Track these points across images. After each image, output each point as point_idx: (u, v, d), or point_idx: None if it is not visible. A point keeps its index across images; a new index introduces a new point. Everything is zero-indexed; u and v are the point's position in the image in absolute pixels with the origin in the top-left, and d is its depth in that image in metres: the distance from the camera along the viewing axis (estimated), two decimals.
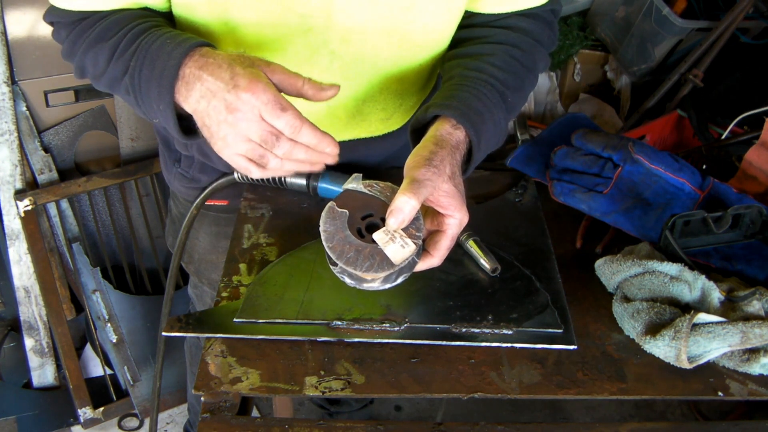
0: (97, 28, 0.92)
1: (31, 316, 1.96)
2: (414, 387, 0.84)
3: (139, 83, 0.86)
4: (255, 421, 0.82)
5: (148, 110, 0.89)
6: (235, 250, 1.02)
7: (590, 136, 1.10)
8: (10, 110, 1.78)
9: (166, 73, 0.82)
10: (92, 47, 0.92)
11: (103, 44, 0.90)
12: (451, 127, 0.87)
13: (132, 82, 0.87)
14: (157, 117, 0.88)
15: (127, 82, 0.88)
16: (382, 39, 0.97)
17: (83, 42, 0.93)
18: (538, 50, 1.03)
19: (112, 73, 0.91)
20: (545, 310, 0.93)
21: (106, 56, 0.90)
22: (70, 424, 2.03)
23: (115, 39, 0.89)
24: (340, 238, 0.80)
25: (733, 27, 2.12)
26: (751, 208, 1.03)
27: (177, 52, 0.82)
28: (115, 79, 0.91)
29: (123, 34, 0.89)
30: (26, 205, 1.84)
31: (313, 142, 0.82)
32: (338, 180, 1.09)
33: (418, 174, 0.79)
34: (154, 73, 0.84)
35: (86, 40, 0.92)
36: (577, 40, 2.47)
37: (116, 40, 0.89)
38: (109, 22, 0.91)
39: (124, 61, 0.88)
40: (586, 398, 0.85)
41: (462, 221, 0.83)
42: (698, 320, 0.86)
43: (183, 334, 0.90)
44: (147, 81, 0.85)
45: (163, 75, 0.82)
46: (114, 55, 0.89)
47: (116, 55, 0.89)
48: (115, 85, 0.92)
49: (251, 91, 0.78)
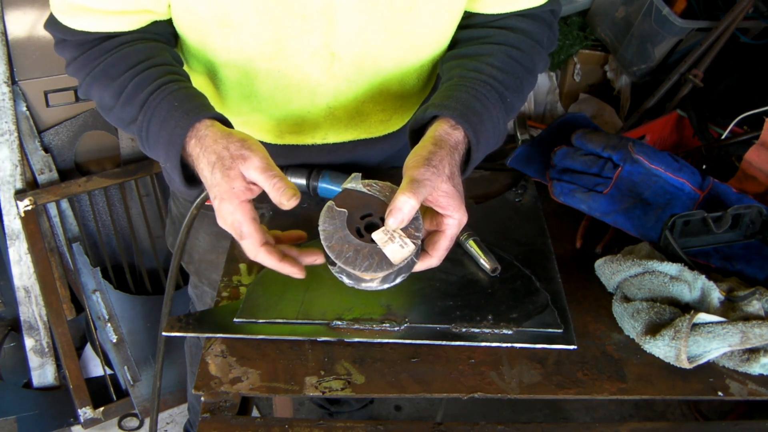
0: (103, 61, 0.94)
1: (31, 316, 1.96)
2: (414, 387, 0.84)
3: (147, 137, 0.90)
4: (255, 421, 0.82)
5: (155, 157, 0.93)
6: (235, 250, 1.02)
7: (590, 136, 1.10)
8: (10, 110, 1.78)
9: (174, 141, 0.86)
10: (98, 81, 0.94)
11: (109, 82, 0.93)
12: (450, 128, 0.87)
13: (140, 133, 0.91)
14: (163, 165, 0.93)
15: (135, 131, 0.92)
16: (383, 40, 0.97)
17: (89, 72, 0.95)
18: (537, 51, 1.03)
19: (119, 115, 0.94)
20: (545, 310, 0.93)
21: (112, 95, 0.93)
22: (70, 424, 2.03)
23: (121, 80, 0.92)
24: (339, 237, 0.80)
25: (733, 27, 2.12)
26: (751, 208, 1.03)
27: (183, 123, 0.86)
28: (123, 121, 0.95)
29: (129, 77, 0.91)
30: (26, 205, 1.84)
31: (271, 267, 0.83)
32: (338, 180, 1.09)
33: (417, 174, 0.79)
34: (162, 134, 0.88)
35: (92, 71, 0.95)
36: (577, 40, 2.47)
37: (122, 82, 0.92)
38: (115, 57, 0.93)
39: (131, 109, 0.91)
40: (586, 398, 0.85)
41: (461, 221, 0.83)
42: (698, 320, 0.86)
43: (183, 334, 0.90)
44: (155, 140, 0.89)
45: (171, 143, 0.87)
46: (120, 98, 0.92)
47: (123, 98, 0.92)
48: (122, 125, 0.96)
49: (220, 212, 0.82)
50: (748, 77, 2.16)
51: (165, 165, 0.91)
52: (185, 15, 0.94)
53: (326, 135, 1.10)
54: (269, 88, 1.01)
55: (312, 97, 1.03)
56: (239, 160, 0.81)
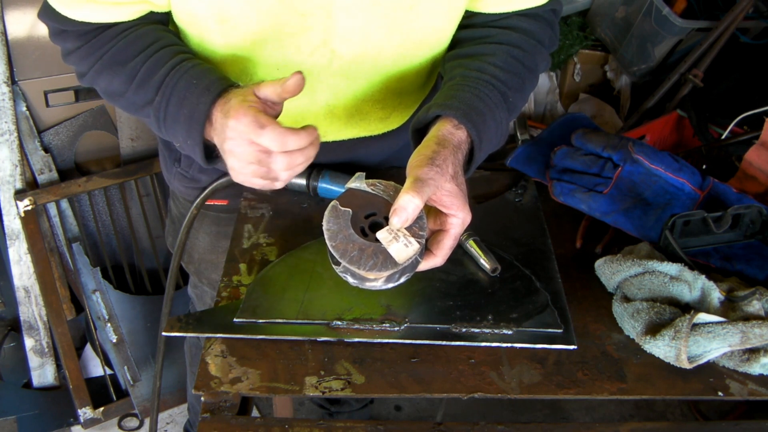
0: (111, 48, 0.94)
1: (31, 316, 1.96)
2: (414, 387, 0.84)
3: (165, 118, 0.91)
4: (255, 421, 0.82)
5: (173, 139, 0.94)
6: (235, 250, 1.02)
7: (590, 136, 1.10)
8: (10, 110, 1.78)
9: (196, 117, 0.87)
10: (107, 68, 0.95)
11: (119, 68, 0.93)
12: (453, 127, 0.87)
13: (157, 114, 0.92)
14: (182, 147, 0.93)
15: (150, 113, 0.93)
16: (383, 38, 0.97)
17: (97, 61, 0.95)
18: (539, 50, 1.03)
19: (131, 99, 0.94)
20: (545, 310, 0.93)
21: (123, 81, 0.93)
22: (70, 424, 2.03)
23: (133, 64, 0.92)
24: (344, 236, 0.80)
25: (733, 27, 2.12)
26: (751, 208, 1.03)
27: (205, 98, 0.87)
28: (135, 105, 0.95)
29: (142, 60, 0.92)
30: (26, 205, 1.84)
31: (302, 145, 0.83)
32: (338, 180, 1.09)
33: (421, 173, 0.79)
34: (182, 112, 0.89)
35: (100, 59, 0.95)
36: (577, 40, 2.47)
37: (134, 66, 0.92)
38: (123, 43, 0.93)
39: (146, 92, 0.92)
40: (586, 398, 0.85)
41: (465, 221, 0.83)
42: (698, 320, 0.86)
43: (183, 334, 0.90)
44: (173, 119, 0.90)
45: (192, 119, 0.88)
46: (134, 82, 0.93)
47: (136, 82, 0.92)
48: (134, 109, 0.97)
49: (235, 118, 0.81)
50: (748, 77, 2.16)
51: (185, 143, 0.91)
52: (184, 10, 0.94)
53: (325, 133, 1.10)
54: None
55: (311, 94, 1.03)
56: (251, 84, 0.85)
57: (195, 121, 0.87)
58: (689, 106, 1.86)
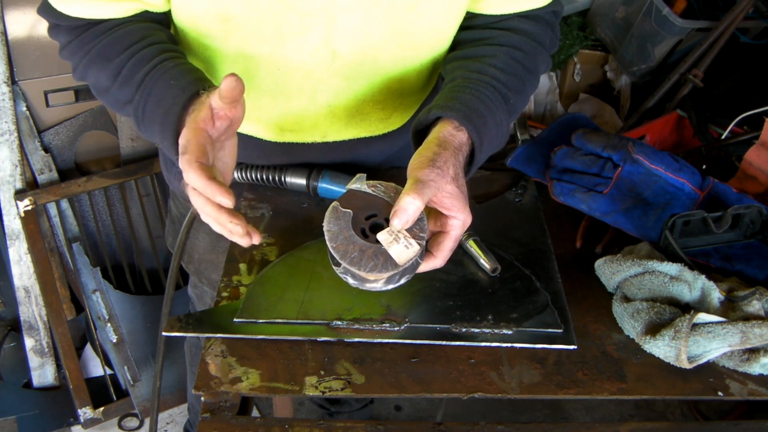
0: (99, 43, 0.94)
1: (31, 316, 1.96)
2: (414, 387, 0.84)
3: (143, 117, 0.90)
4: (255, 421, 0.82)
5: (151, 139, 0.93)
6: (235, 250, 1.02)
7: (590, 136, 1.10)
8: (10, 110, 1.78)
9: (168, 119, 0.86)
10: (95, 63, 0.94)
11: (105, 63, 0.93)
12: (454, 129, 0.87)
13: (136, 113, 0.91)
14: (160, 144, 0.93)
15: (131, 111, 0.92)
16: (384, 39, 0.97)
17: (85, 55, 0.95)
18: (539, 52, 1.03)
19: (116, 96, 0.94)
20: (545, 310, 0.93)
21: (109, 76, 0.93)
22: (70, 424, 2.03)
23: (118, 61, 0.92)
24: (344, 237, 0.80)
25: (732, 27, 2.12)
26: (751, 208, 1.03)
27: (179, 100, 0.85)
28: (119, 102, 0.94)
29: (126, 57, 0.91)
30: (26, 205, 1.84)
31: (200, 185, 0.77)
32: (338, 180, 1.09)
33: (421, 175, 0.79)
34: (157, 112, 0.87)
35: (88, 53, 0.94)
36: (577, 40, 2.47)
37: (119, 63, 0.92)
38: (111, 39, 0.93)
39: (128, 89, 0.91)
40: (586, 398, 0.85)
41: (465, 222, 0.83)
42: (698, 320, 0.86)
43: (183, 334, 0.90)
44: (151, 119, 0.89)
45: (166, 121, 0.86)
46: (117, 78, 0.92)
47: (120, 79, 0.92)
48: (117, 107, 0.96)
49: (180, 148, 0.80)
50: (748, 77, 2.16)
51: (162, 143, 0.90)
52: (185, 9, 0.94)
53: (326, 133, 1.10)
54: (269, 86, 1.01)
55: (312, 94, 1.03)
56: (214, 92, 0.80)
57: (168, 123, 0.85)
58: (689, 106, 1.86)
